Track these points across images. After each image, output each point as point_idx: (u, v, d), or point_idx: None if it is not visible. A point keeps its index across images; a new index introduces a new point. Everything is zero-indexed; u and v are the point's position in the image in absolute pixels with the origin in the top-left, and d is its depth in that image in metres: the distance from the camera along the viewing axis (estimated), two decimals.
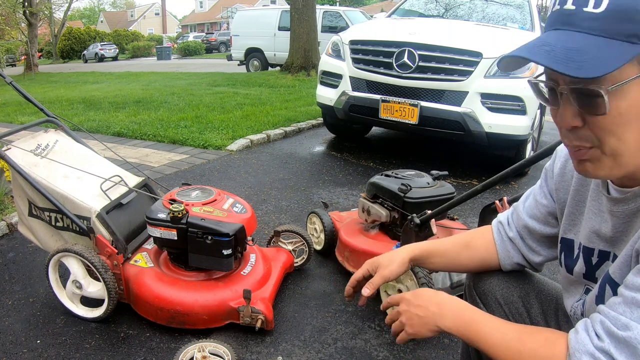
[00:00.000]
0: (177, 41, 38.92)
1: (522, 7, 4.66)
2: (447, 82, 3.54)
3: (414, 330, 0.91)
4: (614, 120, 0.65)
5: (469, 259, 1.11)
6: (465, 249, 1.11)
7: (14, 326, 1.85)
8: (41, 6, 20.80)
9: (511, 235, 1.07)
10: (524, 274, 1.11)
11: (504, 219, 1.10)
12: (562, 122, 0.71)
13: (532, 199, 1.05)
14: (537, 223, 1.02)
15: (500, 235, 1.09)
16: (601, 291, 0.78)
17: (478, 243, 1.11)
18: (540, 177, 1.04)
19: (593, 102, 0.66)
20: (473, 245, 1.11)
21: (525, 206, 1.06)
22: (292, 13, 9.76)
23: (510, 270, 1.11)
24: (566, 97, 0.69)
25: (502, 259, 1.08)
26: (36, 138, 2.03)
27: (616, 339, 0.65)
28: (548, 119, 5.55)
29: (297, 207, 3.10)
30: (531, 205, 1.04)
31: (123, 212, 1.94)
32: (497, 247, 1.09)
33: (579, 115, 0.69)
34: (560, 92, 0.69)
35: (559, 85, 0.69)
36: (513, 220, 1.08)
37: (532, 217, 1.03)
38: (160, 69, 16.13)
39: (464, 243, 1.12)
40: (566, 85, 0.68)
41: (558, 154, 0.98)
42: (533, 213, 1.03)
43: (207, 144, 4.62)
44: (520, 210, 1.06)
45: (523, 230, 1.05)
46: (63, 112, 6.59)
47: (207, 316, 1.75)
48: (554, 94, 0.72)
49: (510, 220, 1.08)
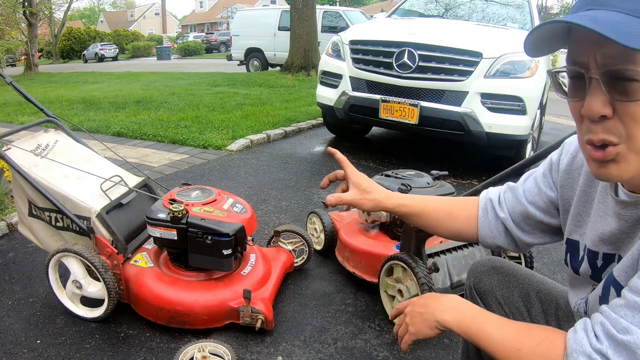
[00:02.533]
0: (177, 41, 38.91)
1: (522, 7, 4.66)
2: (447, 82, 3.54)
3: (415, 329, 0.91)
4: None
5: (448, 228, 1.08)
6: (447, 218, 1.07)
7: (14, 326, 1.85)
8: (41, 6, 20.80)
9: (501, 215, 1.02)
10: (524, 274, 1.11)
11: (494, 196, 1.06)
12: (590, 111, 0.66)
13: (533, 184, 1.00)
14: (538, 211, 0.98)
15: (486, 212, 1.05)
16: (605, 292, 0.77)
17: (460, 214, 1.07)
18: (543, 163, 0.99)
19: (628, 87, 0.62)
20: (455, 216, 1.07)
21: (524, 189, 1.01)
22: (292, 13, 9.75)
23: (509, 269, 1.11)
24: (596, 83, 0.65)
25: (483, 236, 1.05)
26: (36, 138, 2.03)
27: (615, 342, 0.65)
28: (548, 118, 5.56)
29: (297, 207, 3.10)
30: (532, 192, 0.99)
31: (123, 212, 1.94)
32: (479, 223, 1.05)
33: (609, 104, 0.64)
34: (590, 78, 0.65)
35: (589, 71, 0.65)
36: (506, 199, 1.03)
37: (533, 203, 0.99)
38: (160, 69, 16.13)
39: (448, 211, 1.08)
40: (598, 70, 0.64)
41: (565, 147, 0.95)
42: (534, 200, 0.99)
43: (207, 144, 4.62)
44: (520, 193, 1.01)
45: (518, 214, 1.01)
46: (63, 112, 6.59)
47: (207, 316, 1.75)
48: (579, 83, 0.68)
49: (502, 199, 1.04)
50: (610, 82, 0.64)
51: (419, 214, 1.07)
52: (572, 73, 0.69)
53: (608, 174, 0.69)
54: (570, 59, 0.69)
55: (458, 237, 1.09)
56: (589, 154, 0.70)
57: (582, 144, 0.72)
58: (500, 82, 3.46)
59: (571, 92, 0.70)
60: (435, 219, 1.07)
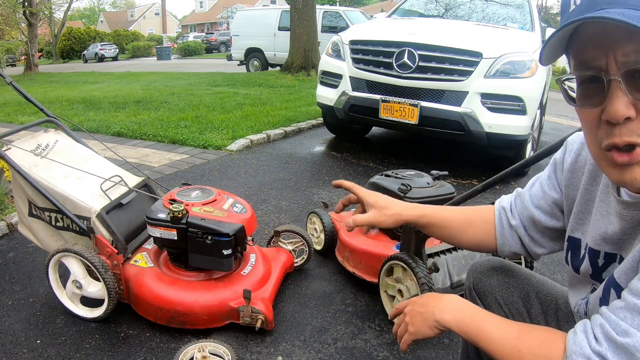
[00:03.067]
0: (177, 41, 38.91)
1: (522, 7, 4.66)
2: (447, 82, 3.54)
3: (415, 329, 0.90)
4: None
5: (471, 238, 1.07)
6: (468, 227, 1.07)
7: (14, 326, 1.85)
8: (41, 6, 20.80)
9: (514, 223, 1.03)
10: (524, 274, 1.10)
11: (507, 204, 1.06)
12: (615, 114, 0.63)
13: (538, 187, 1.00)
14: (543, 214, 0.99)
15: (501, 221, 1.05)
16: (605, 294, 0.77)
17: (479, 224, 1.07)
18: (548, 166, 0.99)
19: None
20: (475, 226, 1.07)
21: (531, 194, 1.01)
22: (292, 13, 9.75)
23: (508, 269, 1.11)
24: (616, 85, 0.62)
25: (500, 246, 1.05)
26: (36, 138, 2.03)
27: (614, 344, 0.64)
28: (548, 118, 5.56)
29: (297, 207, 3.10)
30: (537, 195, 1.00)
31: (123, 212, 1.94)
32: (497, 232, 1.05)
33: (632, 105, 0.62)
34: (610, 81, 0.63)
35: (608, 73, 0.63)
36: (516, 206, 1.04)
37: (538, 207, 0.99)
38: (160, 69, 16.13)
39: (467, 220, 1.08)
40: (619, 70, 0.62)
41: (569, 147, 0.94)
42: (539, 204, 0.99)
43: (207, 144, 4.62)
44: (526, 198, 1.02)
45: (527, 220, 1.01)
46: (63, 112, 6.59)
47: (207, 316, 1.75)
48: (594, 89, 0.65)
49: (514, 206, 1.05)
50: (631, 81, 0.62)
51: (440, 224, 1.07)
52: (583, 78, 0.67)
53: (633, 178, 0.66)
54: (581, 64, 0.67)
55: (478, 248, 1.09)
56: (611, 159, 0.67)
57: (599, 151, 0.69)
58: (500, 82, 3.46)
59: (583, 99, 0.68)
60: (456, 229, 1.07)
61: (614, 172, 0.68)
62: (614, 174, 0.69)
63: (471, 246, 1.10)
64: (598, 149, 0.69)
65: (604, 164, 0.69)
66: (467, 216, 1.09)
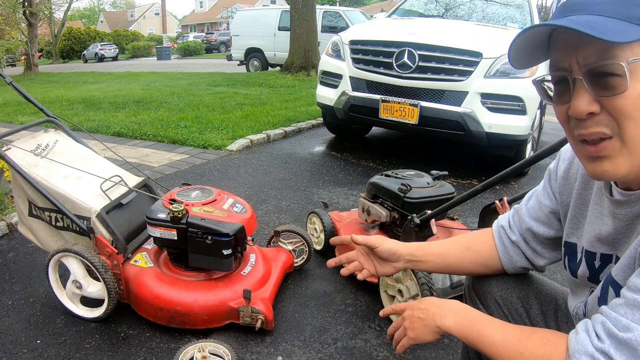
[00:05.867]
0: (177, 41, 38.91)
1: (522, 7, 4.66)
2: (447, 82, 3.53)
3: (415, 334, 0.91)
4: (634, 101, 0.64)
5: (472, 261, 1.09)
6: (467, 251, 1.09)
7: (14, 326, 1.85)
8: (41, 6, 20.80)
9: (514, 238, 1.05)
10: (523, 275, 1.11)
11: (504, 222, 1.09)
12: (577, 111, 0.68)
13: (534, 200, 1.03)
14: (541, 225, 1.01)
15: (501, 239, 1.08)
16: (604, 293, 0.78)
17: (479, 247, 1.09)
18: (543, 178, 1.03)
19: (610, 82, 0.65)
20: (475, 249, 1.09)
21: (527, 208, 1.04)
22: (292, 13, 9.75)
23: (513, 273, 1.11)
24: (580, 84, 0.68)
25: (506, 264, 1.07)
26: (36, 138, 2.03)
27: (616, 340, 0.65)
28: (548, 118, 5.56)
29: (297, 207, 3.10)
30: (534, 208, 1.02)
31: (123, 212, 1.94)
32: (499, 253, 1.07)
33: (595, 101, 0.67)
34: (574, 80, 0.68)
35: (572, 73, 0.68)
36: (515, 222, 1.06)
37: (536, 219, 1.02)
38: (160, 69, 16.13)
39: (464, 246, 1.10)
40: (580, 70, 0.67)
41: (562, 155, 0.97)
42: (537, 215, 1.02)
43: (207, 144, 4.62)
44: (523, 212, 1.04)
45: (526, 233, 1.04)
46: (63, 112, 6.59)
47: (207, 316, 1.75)
48: (564, 88, 0.71)
49: (512, 223, 1.07)
50: (593, 80, 0.66)
51: (438, 253, 1.10)
52: (556, 78, 0.72)
53: (603, 171, 0.70)
54: (553, 66, 0.73)
55: (487, 270, 1.10)
56: (583, 152, 0.72)
57: (576, 144, 0.74)
58: (500, 82, 3.46)
59: (557, 97, 0.73)
60: (455, 255, 1.09)
61: (589, 165, 0.73)
62: (588, 167, 0.73)
63: (475, 270, 1.11)
64: (575, 143, 0.74)
65: (581, 157, 0.74)
66: (464, 242, 1.12)
